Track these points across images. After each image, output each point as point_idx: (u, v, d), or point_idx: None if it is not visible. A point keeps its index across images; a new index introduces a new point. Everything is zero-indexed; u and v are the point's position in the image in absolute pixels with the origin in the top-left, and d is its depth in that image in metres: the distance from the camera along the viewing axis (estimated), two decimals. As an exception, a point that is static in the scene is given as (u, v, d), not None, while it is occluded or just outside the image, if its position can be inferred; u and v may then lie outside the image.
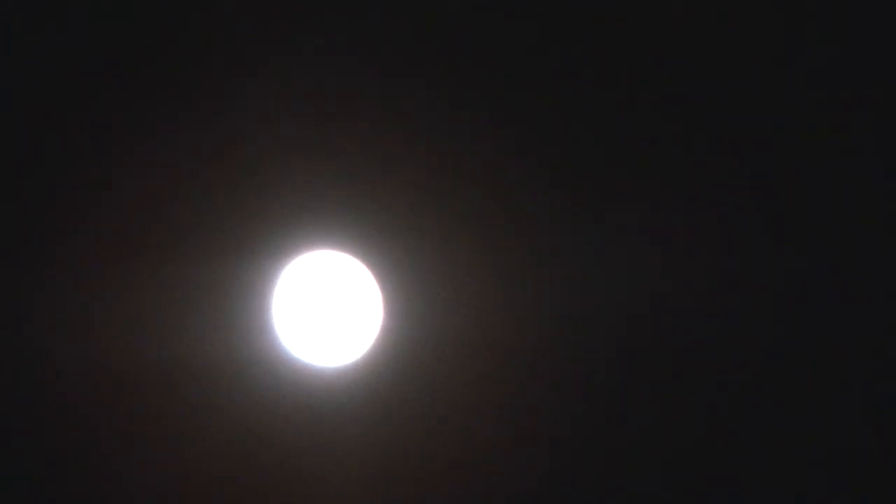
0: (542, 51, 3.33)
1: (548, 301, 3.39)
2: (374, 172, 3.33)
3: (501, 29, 3.32)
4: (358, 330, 3.33)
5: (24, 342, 3.33)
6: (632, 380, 3.42)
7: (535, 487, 3.45)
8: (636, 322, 3.40)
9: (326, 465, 3.38)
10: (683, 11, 3.32)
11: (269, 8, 3.31)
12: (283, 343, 3.33)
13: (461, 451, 3.41)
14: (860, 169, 3.37)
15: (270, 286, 3.33)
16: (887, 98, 3.36)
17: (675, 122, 3.36)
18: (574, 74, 3.34)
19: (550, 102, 3.34)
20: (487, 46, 3.33)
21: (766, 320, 3.41)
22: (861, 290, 3.40)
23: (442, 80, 3.33)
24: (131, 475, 3.37)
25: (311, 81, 3.32)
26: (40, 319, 3.33)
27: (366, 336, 3.34)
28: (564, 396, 3.43)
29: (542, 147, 3.36)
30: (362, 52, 3.32)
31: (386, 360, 3.36)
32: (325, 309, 3.32)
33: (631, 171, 3.37)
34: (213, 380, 3.34)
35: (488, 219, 3.36)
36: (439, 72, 3.33)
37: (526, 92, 3.34)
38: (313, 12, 3.31)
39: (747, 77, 3.35)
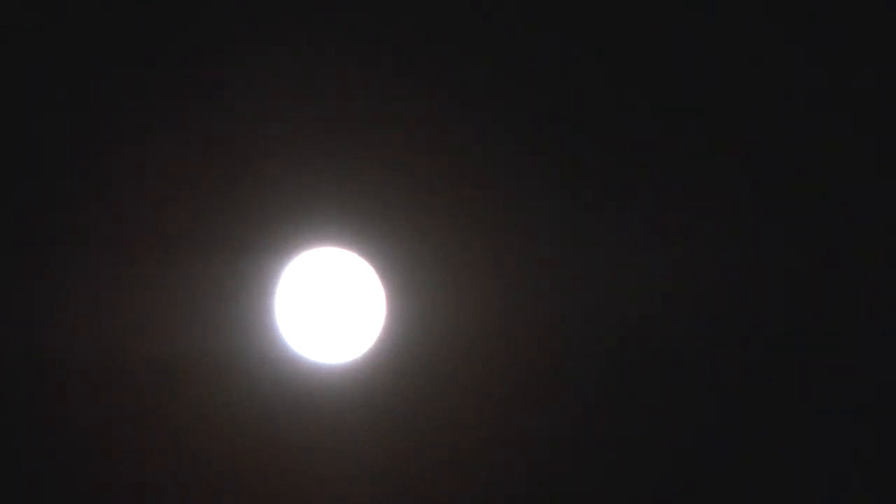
0: (543, 51, 3.36)
1: (549, 299, 3.40)
2: (377, 170, 3.34)
3: (503, 29, 3.35)
4: (360, 327, 3.33)
5: (25, 342, 3.31)
6: (632, 379, 3.43)
7: (536, 486, 3.45)
8: (637, 321, 3.42)
9: (328, 461, 3.37)
10: (684, 11, 3.36)
11: (269, 7, 3.33)
12: (286, 340, 3.33)
13: (462, 449, 3.41)
14: (861, 168, 3.41)
15: (273, 283, 3.33)
16: (887, 97, 3.40)
17: (677, 122, 3.38)
18: (575, 74, 3.37)
19: (552, 102, 3.37)
20: (489, 46, 3.35)
21: (767, 319, 3.43)
22: (862, 289, 3.43)
23: (445, 79, 3.34)
24: (133, 473, 3.35)
25: (313, 80, 3.33)
26: (41, 319, 3.32)
27: (368, 333, 3.34)
28: (565, 395, 3.43)
29: (544, 146, 3.38)
30: (364, 50, 3.34)
31: (388, 358, 3.36)
32: (328, 306, 3.32)
33: (632, 171, 3.39)
34: (216, 377, 3.33)
35: (490, 217, 3.37)
36: (442, 71, 3.35)
37: (528, 91, 3.36)
38: (314, 12, 3.33)
39: (749, 76, 3.38)
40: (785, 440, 3.45)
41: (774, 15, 3.36)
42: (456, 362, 3.38)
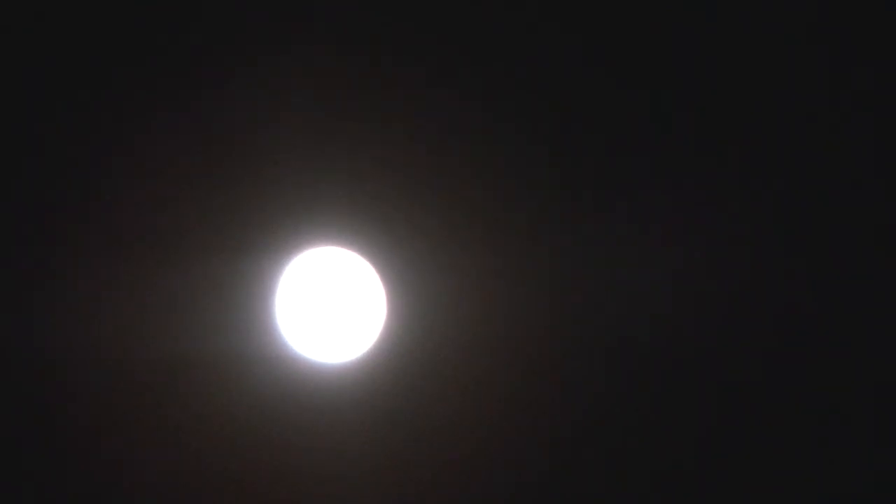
0: (542, 50, 3.36)
1: (549, 299, 3.40)
2: (378, 169, 3.34)
3: (503, 28, 3.35)
4: (361, 327, 3.33)
5: (25, 342, 3.31)
6: (632, 379, 3.43)
7: (536, 486, 3.45)
8: (637, 321, 3.42)
9: (329, 461, 3.37)
10: (684, 11, 3.37)
11: (269, 7, 3.33)
12: (287, 340, 3.33)
13: (462, 449, 3.41)
14: (861, 168, 3.41)
15: (274, 283, 3.33)
16: (888, 97, 3.40)
17: (677, 123, 3.39)
18: (576, 74, 3.37)
19: (553, 102, 3.37)
20: (490, 46, 3.35)
21: (768, 319, 3.43)
22: (863, 289, 3.43)
23: (445, 79, 3.35)
24: (134, 472, 3.35)
25: (313, 80, 3.34)
26: (41, 319, 3.31)
27: (369, 333, 3.34)
28: (565, 395, 3.43)
29: (545, 146, 3.38)
30: (364, 50, 3.34)
31: (389, 357, 3.36)
32: (329, 306, 3.32)
33: (633, 171, 3.39)
34: (217, 376, 3.33)
35: (491, 217, 3.38)
36: (442, 71, 3.35)
37: (528, 92, 3.36)
38: (314, 11, 3.33)
39: (749, 76, 3.39)
40: (785, 440, 3.45)
41: (774, 15, 3.36)
42: (456, 362, 3.38)
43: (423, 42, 3.34)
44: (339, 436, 3.37)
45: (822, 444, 3.45)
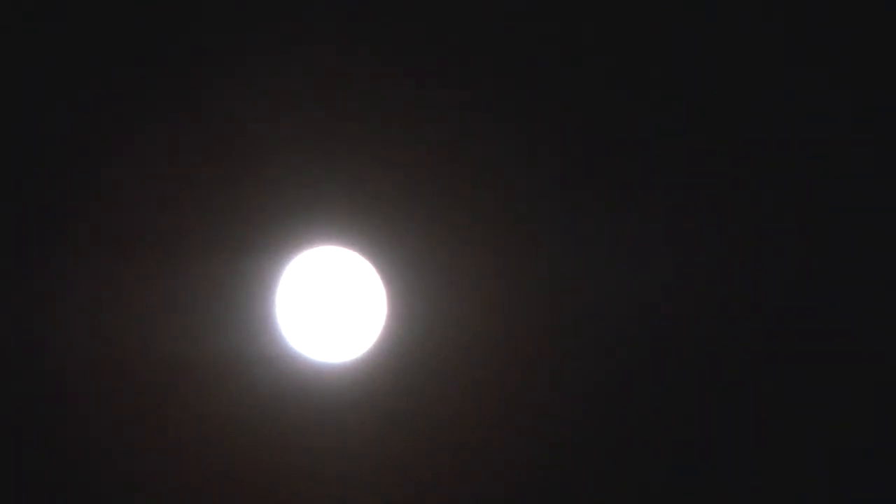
0: (543, 50, 3.36)
1: (549, 299, 3.40)
2: (379, 169, 3.35)
3: (503, 27, 3.35)
4: (361, 326, 3.34)
5: (25, 342, 3.31)
6: (632, 379, 3.43)
7: (536, 485, 3.45)
8: (637, 321, 3.42)
9: (329, 461, 3.37)
10: (684, 11, 3.37)
11: (269, 7, 3.33)
12: (287, 339, 3.33)
13: (462, 449, 3.41)
14: (862, 168, 3.41)
15: (274, 282, 3.33)
16: (888, 97, 3.40)
17: (677, 123, 3.39)
18: (576, 74, 3.37)
19: (553, 102, 3.37)
20: (490, 46, 3.35)
21: (767, 319, 3.43)
22: (863, 290, 3.43)
23: (445, 79, 3.35)
24: (134, 472, 3.34)
25: (313, 80, 3.34)
26: (41, 319, 3.31)
27: (369, 332, 3.34)
28: (564, 395, 3.43)
29: (545, 146, 3.38)
30: (364, 50, 3.34)
31: (389, 357, 3.36)
32: (329, 305, 3.32)
33: (632, 170, 3.39)
34: (217, 376, 3.33)
35: (491, 217, 3.38)
36: (442, 70, 3.35)
37: (528, 91, 3.36)
38: (314, 12, 3.33)
39: (749, 76, 3.39)
40: (785, 441, 3.45)
41: (774, 15, 3.36)
42: (456, 362, 3.38)
43: (424, 42, 3.34)
44: (339, 436, 3.37)
45: (822, 444, 3.45)
